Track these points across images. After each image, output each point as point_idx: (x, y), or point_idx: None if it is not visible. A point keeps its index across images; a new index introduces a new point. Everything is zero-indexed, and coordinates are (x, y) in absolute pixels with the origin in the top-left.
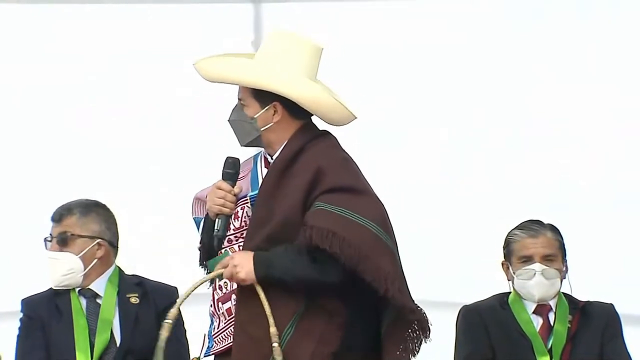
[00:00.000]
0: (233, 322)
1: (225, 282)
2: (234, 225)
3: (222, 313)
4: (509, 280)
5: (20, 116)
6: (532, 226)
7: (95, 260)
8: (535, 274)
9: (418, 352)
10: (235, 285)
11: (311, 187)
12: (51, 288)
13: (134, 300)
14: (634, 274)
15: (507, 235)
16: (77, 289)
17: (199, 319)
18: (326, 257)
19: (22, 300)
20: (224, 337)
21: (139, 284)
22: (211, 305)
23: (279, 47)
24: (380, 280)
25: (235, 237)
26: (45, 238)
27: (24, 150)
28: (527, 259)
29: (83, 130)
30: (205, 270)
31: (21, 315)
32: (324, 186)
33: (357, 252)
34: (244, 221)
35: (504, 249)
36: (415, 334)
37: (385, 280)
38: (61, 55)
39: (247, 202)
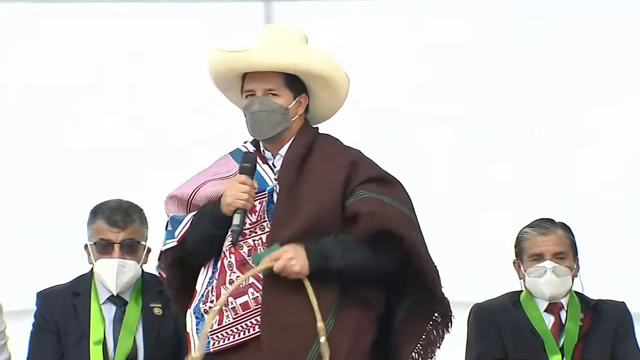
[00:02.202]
0: (249, 316)
1: (237, 277)
2: (251, 220)
3: (233, 308)
4: (520, 278)
5: (22, 116)
6: (543, 224)
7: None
8: (546, 271)
9: (442, 342)
10: (250, 280)
11: (349, 178)
12: (70, 282)
13: (157, 311)
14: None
15: (519, 234)
16: (105, 297)
17: None
18: (383, 245)
19: (38, 293)
20: (233, 331)
21: (162, 291)
22: (207, 302)
23: (282, 38)
24: (431, 270)
25: (250, 231)
26: (97, 242)
27: (28, 150)
28: (538, 257)
29: (85, 130)
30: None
31: (36, 309)
32: (361, 177)
33: (415, 237)
34: (260, 215)
35: (515, 247)
36: (436, 325)
37: (433, 270)
38: (69, 52)
39: (265, 197)
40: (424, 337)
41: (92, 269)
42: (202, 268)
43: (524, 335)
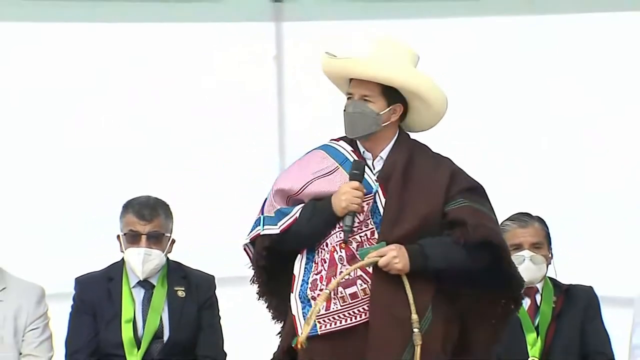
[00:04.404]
0: (356, 304)
1: (347, 268)
2: (359, 219)
3: (342, 297)
4: None
5: (23, 116)
6: (522, 218)
7: (168, 256)
8: (524, 259)
9: (506, 325)
10: (359, 272)
11: (449, 186)
12: (105, 269)
13: (181, 293)
14: (613, 259)
15: (500, 226)
16: (135, 281)
17: (232, 300)
18: (477, 249)
19: (76, 279)
20: (340, 317)
21: (185, 277)
22: (317, 290)
23: (388, 52)
24: (515, 271)
25: (357, 228)
26: (127, 234)
27: (29, 149)
28: (517, 247)
29: (85, 131)
30: (251, 254)
31: (74, 293)
32: (460, 185)
33: (505, 244)
34: (367, 215)
35: None
36: (504, 309)
37: (514, 267)
38: (70, 54)
39: (372, 199)
40: (494, 321)
41: (123, 257)
42: (299, 255)
43: None
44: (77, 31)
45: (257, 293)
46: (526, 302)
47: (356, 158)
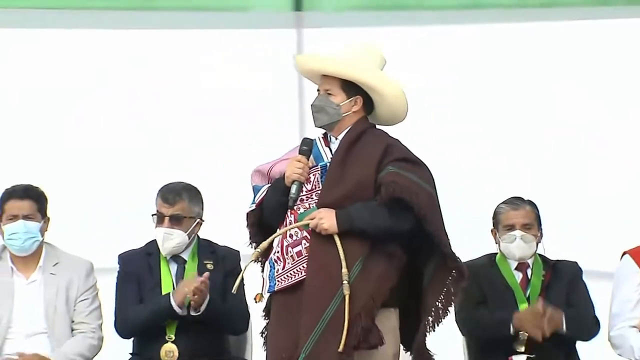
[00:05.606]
0: (301, 262)
1: (295, 231)
2: (306, 188)
3: (291, 256)
4: (496, 243)
5: (24, 116)
6: (514, 201)
7: (194, 235)
8: (516, 238)
9: (459, 294)
10: (304, 233)
11: (382, 157)
12: (144, 245)
13: (209, 266)
14: (596, 236)
15: (495, 209)
16: (169, 256)
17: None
18: (400, 210)
19: (119, 255)
20: (290, 274)
21: (213, 252)
22: (276, 253)
23: (362, 53)
24: (438, 231)
25: (307, 197)
26: (155, 214)
27: (29, 149)
28: (510, 227)
29: (85, 130)
30: (251, 227)
31: (118, 267)
32: (393, 156)
33: (425, 205)
34: (314, 185)
35: (492, 219)
36: (455, 279)
37: (440, 232)
38: (72, 55)
39: (318, 171)
40: (445, 290)
41: None
42: (278, 229)
43: (499, 287)
44: (88, 36)
45: (261, 272)
46: (519, 276)
47: (322, 142)
